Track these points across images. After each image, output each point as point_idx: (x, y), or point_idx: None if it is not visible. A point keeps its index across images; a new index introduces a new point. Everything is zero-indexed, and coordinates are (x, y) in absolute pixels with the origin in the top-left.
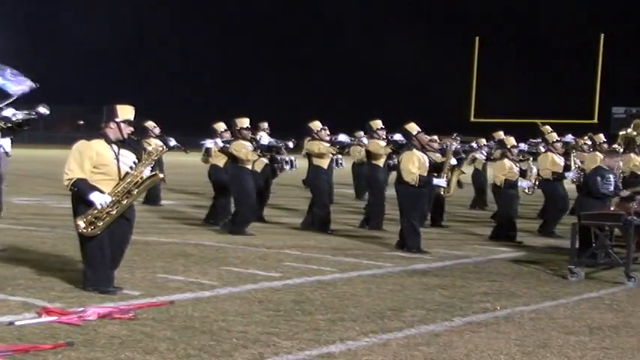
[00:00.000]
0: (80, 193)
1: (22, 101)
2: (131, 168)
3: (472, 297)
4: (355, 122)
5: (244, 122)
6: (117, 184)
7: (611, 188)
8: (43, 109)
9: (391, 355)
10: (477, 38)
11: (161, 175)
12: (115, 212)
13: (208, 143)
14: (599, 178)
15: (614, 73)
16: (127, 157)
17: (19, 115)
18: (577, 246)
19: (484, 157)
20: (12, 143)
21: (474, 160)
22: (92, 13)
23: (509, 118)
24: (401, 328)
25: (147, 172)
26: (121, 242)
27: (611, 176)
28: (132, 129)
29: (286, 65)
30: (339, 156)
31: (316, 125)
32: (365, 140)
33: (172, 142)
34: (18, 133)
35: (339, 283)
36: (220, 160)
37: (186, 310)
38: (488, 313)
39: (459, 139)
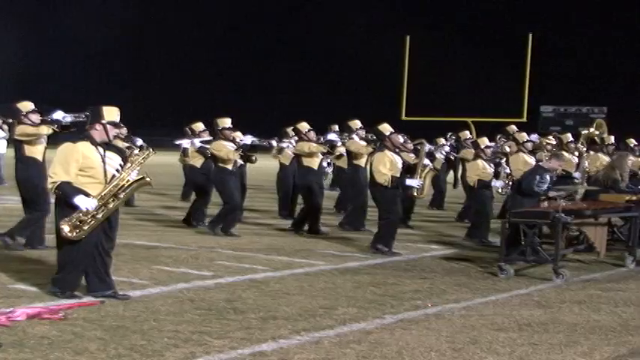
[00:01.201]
0: (65, 197)
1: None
2: (117, 171)
3: (403, 294)
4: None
5: (226, 122)
6: (103, 188)
7: (544, 187)
8: None
9: (323, 353)
10: (408, 37)
11: (148, 179)
12: (100, 216)
13: (185, 143)
14: (538, 177)
15: (543, 72)
16: (114, 160)
17: (68, 118)
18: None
19: (443, 157)
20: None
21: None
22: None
23: (440, 117)
24: (333, 326)
25: (133, 175)
26: (107, 246)
27: (547, 176)
28: (117, 131)
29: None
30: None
31: (304, 126)
32: (356, 138)
33: (139, 142)
34: (63, 134)
35: (272, 282)
36: (197, 161)
37: (117, 310)
38: (420, 310)
39: (453, 138)
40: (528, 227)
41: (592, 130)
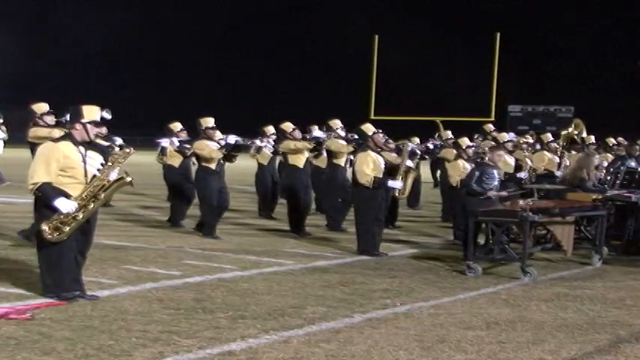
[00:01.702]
0: (45, 199)
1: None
2: (98, 170)
3: (372, 293)
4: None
5: (209, 122)
6: (83, 188)
7: (495, 183)
8: (105, 114)
9: (292, 352)
10: (377, 37)
11: (129, 179)
12: (81, 217)
13: (164, 142)
14: (477, 173)
15: (511, 72)
16: (95, 160)
17: None
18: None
19: (418, 156)
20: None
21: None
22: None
23: (409, 116)
24: (302, 325)
25: (114, 175)
26: (83, 246)
27: (494, 172)
28: (98, 130)
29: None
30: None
31: (288, 126)
32: (341, 134)
33: (119, 142)
34: None
35: (240, 281)
36: (176, 161)
37: (85, 310)
38: (388, 309)
39: (439, 139)
40: (496, 226)
41: (571, 129)
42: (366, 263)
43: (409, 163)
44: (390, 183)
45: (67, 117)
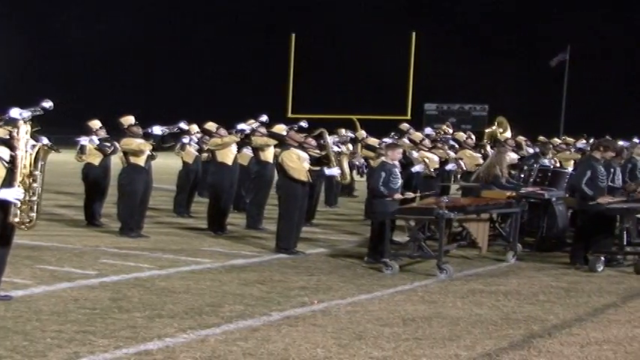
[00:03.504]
0: None
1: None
2: (11, 162)
3: (290, 291)
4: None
5: (130, 120)
6: (14, 174)
7: (398, 182)
8: (46, 104)
9: (209, 351)
10: (294, 35)
11: (46, 147)
12: (35, 197)
13: (83, 140)
14: (383, 174)
15: (426, 71)
16: (2, 152)
17: (25, 114)
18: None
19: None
20: None
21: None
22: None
23: (326, 114)
24: (219, 324)
25: (29, 148)
26: (4, 246)
27: (397, 170)
28: None
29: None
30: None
31: (212, 126)
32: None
33: (45, 141)
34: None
35: (157, 280)
36: (95, 159)
37: None
38: (306, 307)
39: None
40: (413, 223)
41: (494, 127)
42: (283, 261)
43: (335, 148)
44: (327, 171)
45: (10, 114)
